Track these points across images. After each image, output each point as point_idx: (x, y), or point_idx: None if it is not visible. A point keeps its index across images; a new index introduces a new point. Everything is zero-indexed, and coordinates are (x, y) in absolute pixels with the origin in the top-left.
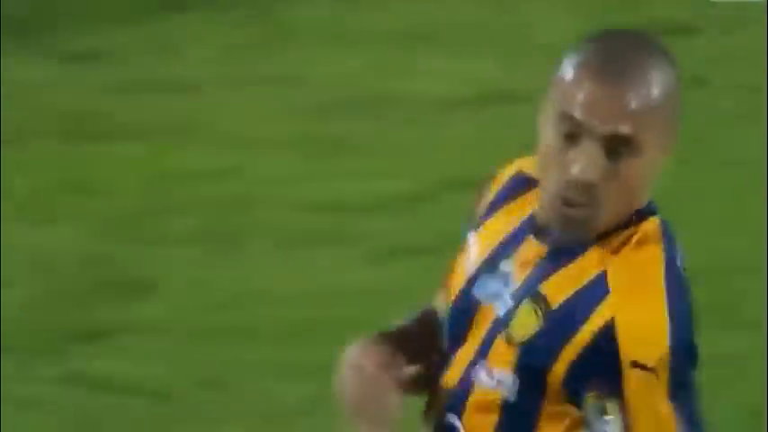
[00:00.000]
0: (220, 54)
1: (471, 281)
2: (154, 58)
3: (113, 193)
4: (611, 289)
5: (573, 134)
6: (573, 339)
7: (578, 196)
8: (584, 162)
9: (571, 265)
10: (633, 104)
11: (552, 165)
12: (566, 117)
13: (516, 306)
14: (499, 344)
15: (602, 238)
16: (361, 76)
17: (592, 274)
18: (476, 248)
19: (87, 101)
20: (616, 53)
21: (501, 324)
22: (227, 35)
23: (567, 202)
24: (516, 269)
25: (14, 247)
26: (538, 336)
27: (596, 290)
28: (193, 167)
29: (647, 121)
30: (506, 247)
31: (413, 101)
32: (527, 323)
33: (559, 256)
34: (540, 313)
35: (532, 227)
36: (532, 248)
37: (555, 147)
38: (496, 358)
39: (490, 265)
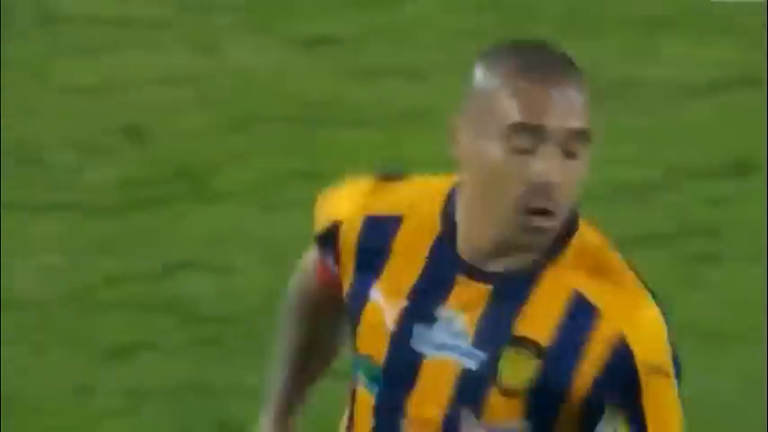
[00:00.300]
0: (454, 40)
1: (402, 334)
2: (387, 43)
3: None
4: (599, 306)
5: (527, 142)
6: (581, 367)
7: (545, 203)
8: (549, 165)
9: (533, 297)
10: (579, 100)
11: (505, 182)
12: (519, 127)
13: (493, 356)
14: (494, 398)
15: (546, 257)
16: (602, 63)
17: (564, 297)
18: (384, 301)
19: (320, 86)
20: (542, 57)
21: (477, 378)
22: (461, 20)
23: (534, 212)
24: (460, 314)
25: (245, 234)
26: (540, 378)
27: (582, 311)
28: (427, 154)
29: (588, 114)
30: (431, 293)
31: (654, 87)
32: (520, 370)
33: (508, 290)
34: (531, 356)
35: (456, 266)
36: (470, 289)
37: (504, 163)
38: (498, 412)
39: (421, 314)
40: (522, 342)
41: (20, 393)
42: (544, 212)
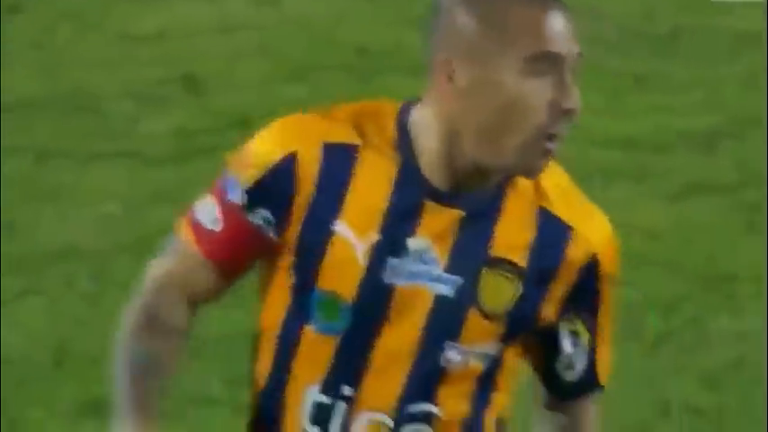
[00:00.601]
0: None
1: (374, 268)
2: None
3: None
4: (571, 224)
5: (546, 70)
6: (556, 285)
7: (564, 128)
8: (575, 91)
9: (503, 219)
10: (572, 24)
11: (528, 110)
12: (541, 56)
13: (471, 280)
14: (474, 322)
15: (506, 180)
16: (657, 12)
17: (532, 217)
18: (353, 236)
19: (379, 34)
20: None
21: (454, 303)
22: None
23: (553, 138)
24: (432, 243)
25: None
26: (522, 299)
27: (554, 230)
28: None
29: None
30: (401, 223)
31: (710, 35)
32: (500, 291)
33: (479, 214)
34: (511, 277)
35: (424, 192)
36: (441, 215)
37: (527, 91)
38: (474, 335)
39: (391, 246)
40: (502, 263)
41: (76, 343)
42: (555, 137)
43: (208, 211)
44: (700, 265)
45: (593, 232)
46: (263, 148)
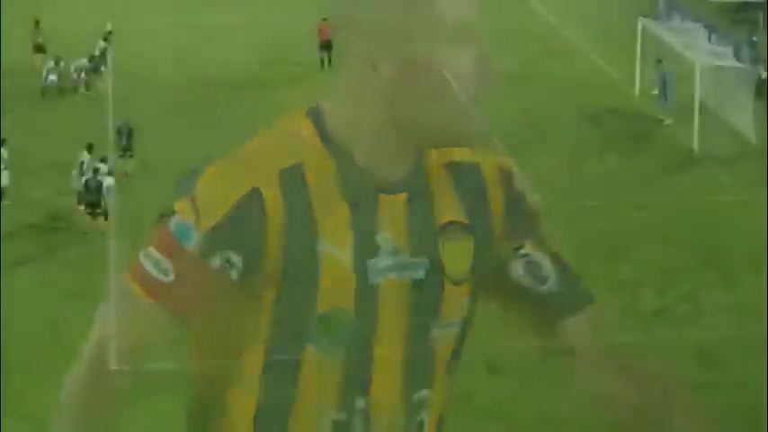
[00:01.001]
0: None
1: (360, 274)
2: None
3: None
4: (473, 160)
5: (463, 40)
6: (494, 220)
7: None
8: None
9: (432, 186)
10: None
11: (458, 81)
12: (458, 25)
13: (434, 255)
14: (449, 292)
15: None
16: None
17: (448, 173)
18: (336, 250)
19: None
20: None
21: (429, 283)
22: None
23: (480, 100)
24: (392, 232)
25: None
26: (477, 253)
27: (468, 172)
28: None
29: None
30: (364, 225)
31: (707, 6)
32: (461, 255)
33: (417, 190)
34: (463, 236)
35: (373, 186)
36: (392, 205)
37: (452, 63)
38: (452, 305)
39: (366, 247)
40: (452, 226)
41: (68, 318)
42: (480, 99)
43: (155, 262)
44: (695, 239)
45: (490, 156)
46: (220, 190)
